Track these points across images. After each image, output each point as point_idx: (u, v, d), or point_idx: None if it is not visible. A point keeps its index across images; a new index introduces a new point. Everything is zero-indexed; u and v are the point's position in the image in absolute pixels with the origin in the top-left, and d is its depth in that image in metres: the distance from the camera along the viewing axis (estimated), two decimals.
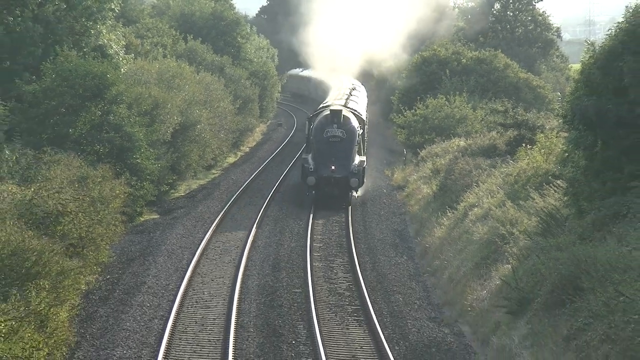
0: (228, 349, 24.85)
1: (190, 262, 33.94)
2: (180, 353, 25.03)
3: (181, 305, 29.40)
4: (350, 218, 42.57)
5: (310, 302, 28.68)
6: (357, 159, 46.52)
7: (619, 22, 26.84)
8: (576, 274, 22.11)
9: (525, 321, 23.56)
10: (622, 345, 18.49)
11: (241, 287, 31.87)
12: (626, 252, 21.95)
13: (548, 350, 21.60)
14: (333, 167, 44.87)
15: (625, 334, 18.42)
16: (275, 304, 30.22)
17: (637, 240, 22.63)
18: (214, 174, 59.56)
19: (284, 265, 34.37)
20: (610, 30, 27.12)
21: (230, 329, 27.02)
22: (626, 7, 27.22)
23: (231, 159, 66.89)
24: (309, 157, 46.90)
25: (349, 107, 54.44)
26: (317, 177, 44.71)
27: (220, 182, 55.10)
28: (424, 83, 66.11)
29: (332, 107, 49.75)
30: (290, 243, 38.06)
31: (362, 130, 49.65)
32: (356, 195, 46.22)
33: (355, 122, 48.41)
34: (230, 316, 28.32)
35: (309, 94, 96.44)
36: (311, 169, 45.19)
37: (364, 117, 55.81)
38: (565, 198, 29.01)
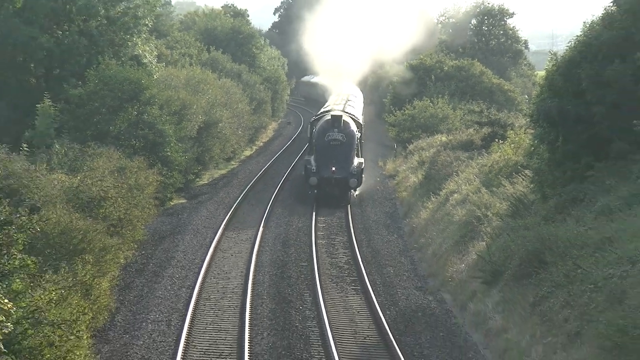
0: (245, 313, 24.81)
1: (213, 239, 33.73)
2: (204, 317, 25.02)
3: (205, 276, 29.26)
4: (349, 202, 41.96)
5: (314, 273, 28.71)
6: (356, 161, 44.35)
7: (577, 36, 26.70)
8: (541, 250, 22.05)
9: (497, 290, 23.50)
10: (579, 310, 18.60)
11: (256, 261, 31.61)
12: (583, 231, 21.81)
13: (517, 315, 21.51)
14: (334, 169, 42.44)
15: (582, 300, 18.63)
16: (285, 275, 30.00)
17: (592, 221, 22.38)
18: (232, 165, 58.68)
19: (292, 242, 34.17)
20: (570, 42, 27.01)
21: (247, 295, 26.89)
22: (584, 22, 27.02)
23: (247, 152, 65.97)
24: (312, 158, 44.66)
25: (347, 112, 52.04)
26: (318, 178, 42.48)
27: (238, 172, 54.45)
28: (413, 87, 66.10)
29: (332, 113, 47.21)
30: (298, 223, 37.94)
31: (360, 134, 47.37)
32: (355, 195, 43.57)
33: (354, 127, 46.14)
34: (247, 285, 28.23)
35: (317, 98, 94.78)
36: (313, 170, 43.04)
37: (360, 120, 53.64)
38: (532, 185, 28.87)
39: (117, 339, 23.67)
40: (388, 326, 23.89)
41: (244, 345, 22.04)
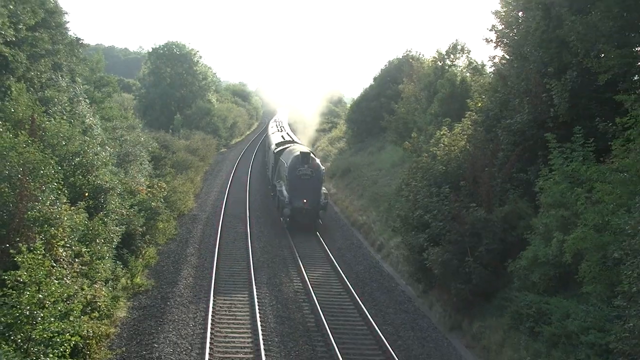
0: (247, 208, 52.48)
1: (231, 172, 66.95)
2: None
3: (227, 202, 52.60)
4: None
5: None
6: (323, 192, 45.80)
7: (362, 91, 75.09)
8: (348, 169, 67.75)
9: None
10: (369, 190, 54.80)
11: (249, 188, 58.16)
12: (367, 158, 61.27)
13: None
14: (305, 200, 43.91)
15: (362, 183, 58.60)
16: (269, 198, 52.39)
17: (369, 155, 63.55)
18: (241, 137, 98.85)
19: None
20: (357, 95, 76.38)
21: (247, 206, 50.81)
22: (364, 88, 76.49)
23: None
24: (284, 190, 45.68)
25: (293, 140, 62.45)
26: (291, 209, 43.68)
27: (243, 140, 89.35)
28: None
29: (302, 150, 47.88)
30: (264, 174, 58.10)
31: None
32: (321, 222, 45.72)
33: (318, 161, 47.61)
34: (246, 200, 53.09)
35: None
36: (287, 202, 43.99)
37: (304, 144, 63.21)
38: (348, 145, 73.72)
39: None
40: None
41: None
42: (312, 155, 46.99)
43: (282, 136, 65.36)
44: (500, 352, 22.36)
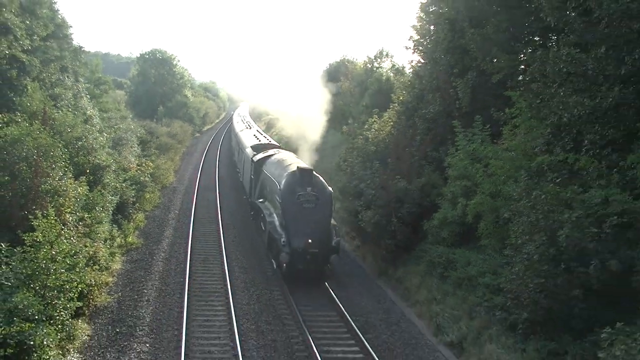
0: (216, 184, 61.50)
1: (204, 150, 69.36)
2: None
3: (200, 176, 54.13)
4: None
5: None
6: (333, 225, 25.88)
7: None
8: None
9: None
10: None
11: (219, 163, 61.15)
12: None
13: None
14: (310, 240, 24.12)
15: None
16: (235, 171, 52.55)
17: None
18: (211, 125, 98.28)
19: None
20: None
21: (216, 179, 50.78)
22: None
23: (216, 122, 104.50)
24: (275, 221, 25.97)
25: (270, 142, 41.90)
26: (290, 253, 24.08)
27: (213, 127, 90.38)
28: None
29: (300, 166, 27.02)
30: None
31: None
32: (330, 267, 25.37)
33: (323, 181, 26.64)
34: (216, 173, 52.61)
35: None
36: (283, 242, 24.42)
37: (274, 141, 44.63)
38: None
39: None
40: None
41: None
42: (314, 172, 26.56)
43: (254, 136, 46.99)
44: (417, 292, 22.84)
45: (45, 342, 14.36)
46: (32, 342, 13.95)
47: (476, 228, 21.63)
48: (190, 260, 26.89)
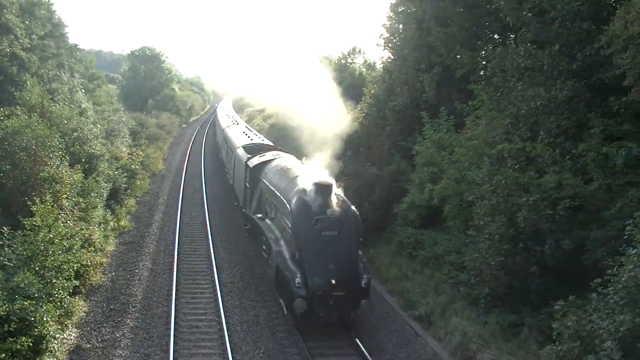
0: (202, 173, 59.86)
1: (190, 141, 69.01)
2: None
3: (187, 167, 50.54)
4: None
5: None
6: (361, 257, 18.15)
7: None
8: None
9: None
10: None
11: (204, 151, 59.77)
12: None
13: None
14: (333, 281, 16.48)
15: None
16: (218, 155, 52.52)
17: None
18: (197, 116, 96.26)
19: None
20: None
21: (202, 164, 50.78)
22: None
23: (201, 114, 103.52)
24: (285, 252, 18.26)
25: (264, 143, 34.29)
26: (308, 298, 16.46)
27: (199, 119, 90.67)
28: None
29: (318, 181, 18.02)
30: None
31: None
32: (358, 313, 17.29)
33: (346, 200, 18.56)
34: (202, 162, 52.45)
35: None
36: (297, 283, 16.72)
37: (268, 142, 35.96)
38: None
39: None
40: None
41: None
42: (336, 190, 18.51)
43: (244, 134, 39.49)
44: (388, 271, 22.89)
45: (45, 318, 14.34)
46: (33, 318, 13.94)
47: (442, 211, 21.74)
48: (178, 242, 26.68)
